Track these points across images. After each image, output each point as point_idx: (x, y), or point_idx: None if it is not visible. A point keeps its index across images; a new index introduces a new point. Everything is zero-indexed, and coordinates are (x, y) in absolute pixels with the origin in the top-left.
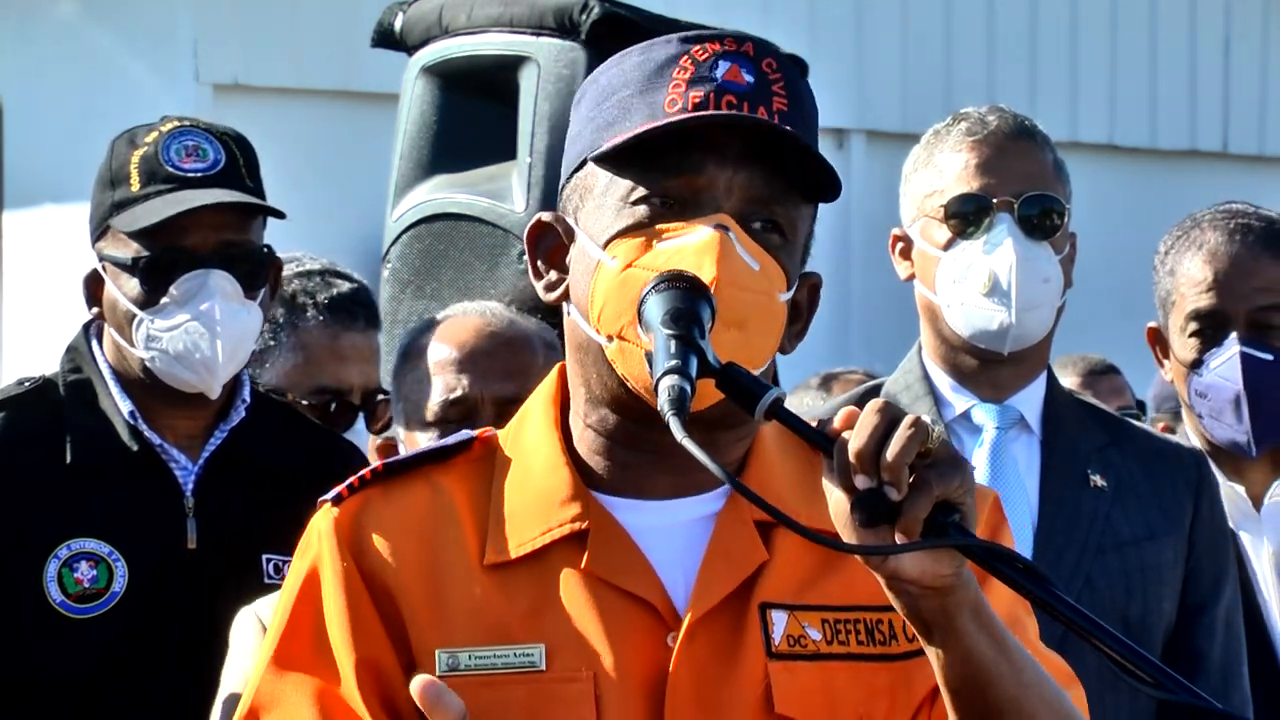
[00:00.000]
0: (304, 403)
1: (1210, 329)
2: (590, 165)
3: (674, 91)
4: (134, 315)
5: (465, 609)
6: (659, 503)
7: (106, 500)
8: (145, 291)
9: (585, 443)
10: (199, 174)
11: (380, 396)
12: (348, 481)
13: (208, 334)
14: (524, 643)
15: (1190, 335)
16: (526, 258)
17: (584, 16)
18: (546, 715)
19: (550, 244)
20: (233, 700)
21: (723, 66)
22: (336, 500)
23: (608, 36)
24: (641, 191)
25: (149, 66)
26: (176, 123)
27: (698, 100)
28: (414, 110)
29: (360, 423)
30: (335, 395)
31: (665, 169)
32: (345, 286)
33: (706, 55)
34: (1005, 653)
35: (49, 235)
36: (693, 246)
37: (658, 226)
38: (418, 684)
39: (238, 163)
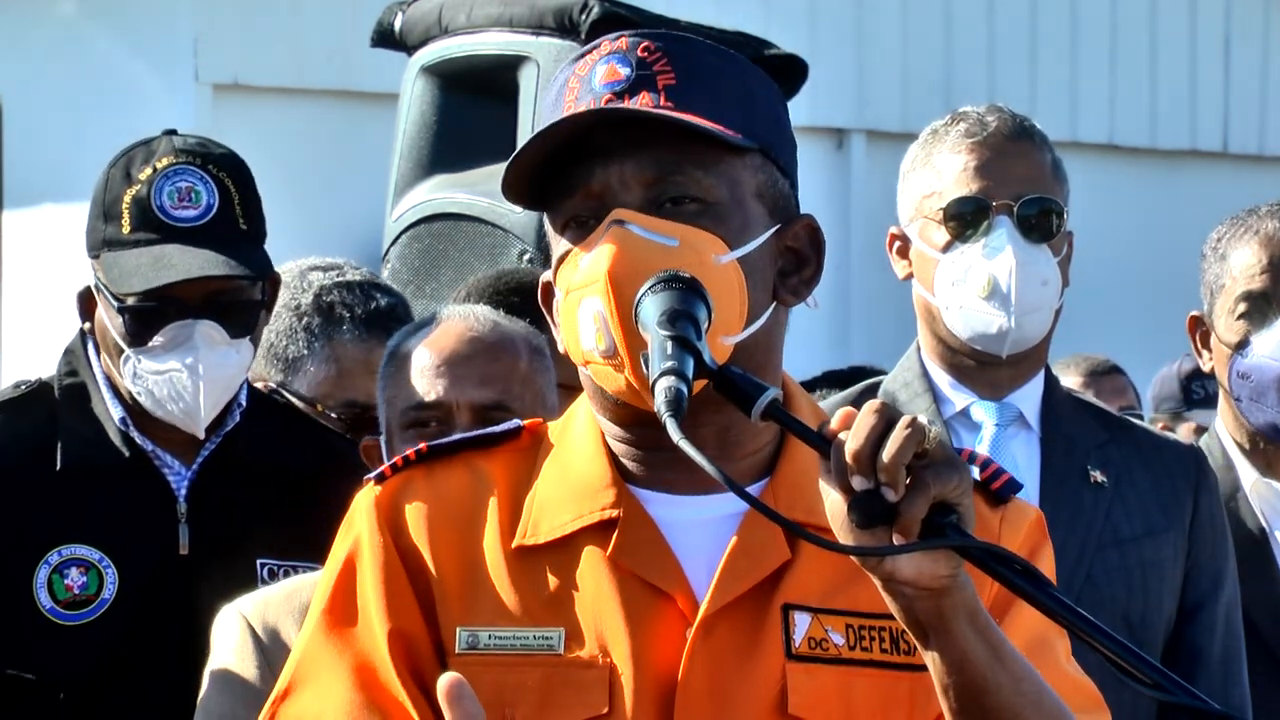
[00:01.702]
0: (332, 415)
1: (1260, 312)
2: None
3: (565, 115)
4: (122, 350)
5: (491, 590)
6: (689, 498)
7: (98, 505)
8: (131, 334)
9: (614, 444)
10: (189, 224)
11: None
12: (391, 461)
13: (191, 385)
14: (544, 625)
15: (1239, 317)
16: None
17: (584, 16)
18: (560, 698)
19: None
20: (212, 699)
21: (600, 71)
22: (380, 479)
23: None
24: (560, 221)
25: (149, 66)
26: (171, 158)
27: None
28: (414, 110)
29: None
30: (364, 410)
31: (566, 191)
32: (384, 301)
33: (587, 68)
34: (1003, 660)
35: (49, 235)
36: (595, 254)
37: (577, 247)
38: (444, 680)
39: (232, 203)
